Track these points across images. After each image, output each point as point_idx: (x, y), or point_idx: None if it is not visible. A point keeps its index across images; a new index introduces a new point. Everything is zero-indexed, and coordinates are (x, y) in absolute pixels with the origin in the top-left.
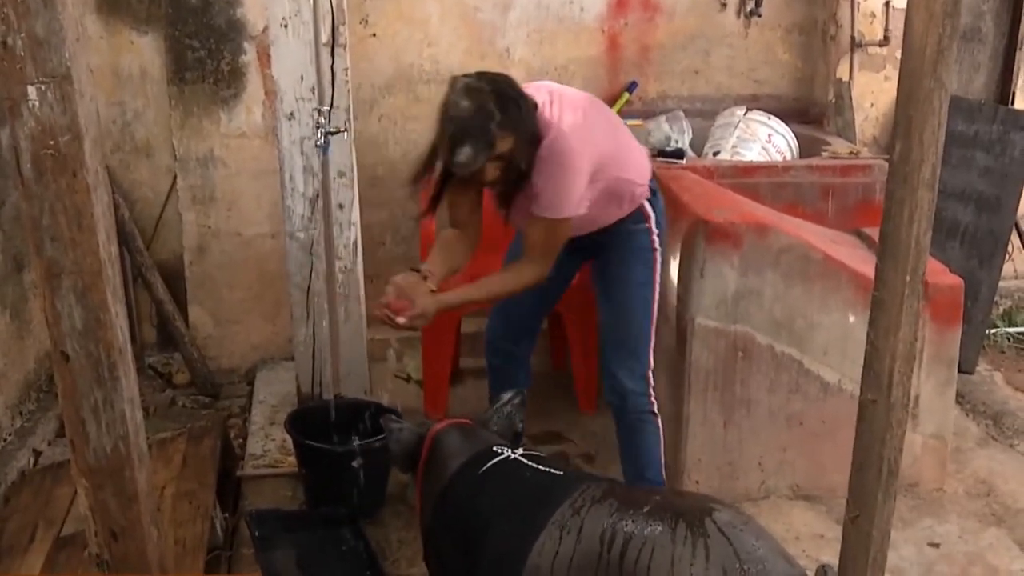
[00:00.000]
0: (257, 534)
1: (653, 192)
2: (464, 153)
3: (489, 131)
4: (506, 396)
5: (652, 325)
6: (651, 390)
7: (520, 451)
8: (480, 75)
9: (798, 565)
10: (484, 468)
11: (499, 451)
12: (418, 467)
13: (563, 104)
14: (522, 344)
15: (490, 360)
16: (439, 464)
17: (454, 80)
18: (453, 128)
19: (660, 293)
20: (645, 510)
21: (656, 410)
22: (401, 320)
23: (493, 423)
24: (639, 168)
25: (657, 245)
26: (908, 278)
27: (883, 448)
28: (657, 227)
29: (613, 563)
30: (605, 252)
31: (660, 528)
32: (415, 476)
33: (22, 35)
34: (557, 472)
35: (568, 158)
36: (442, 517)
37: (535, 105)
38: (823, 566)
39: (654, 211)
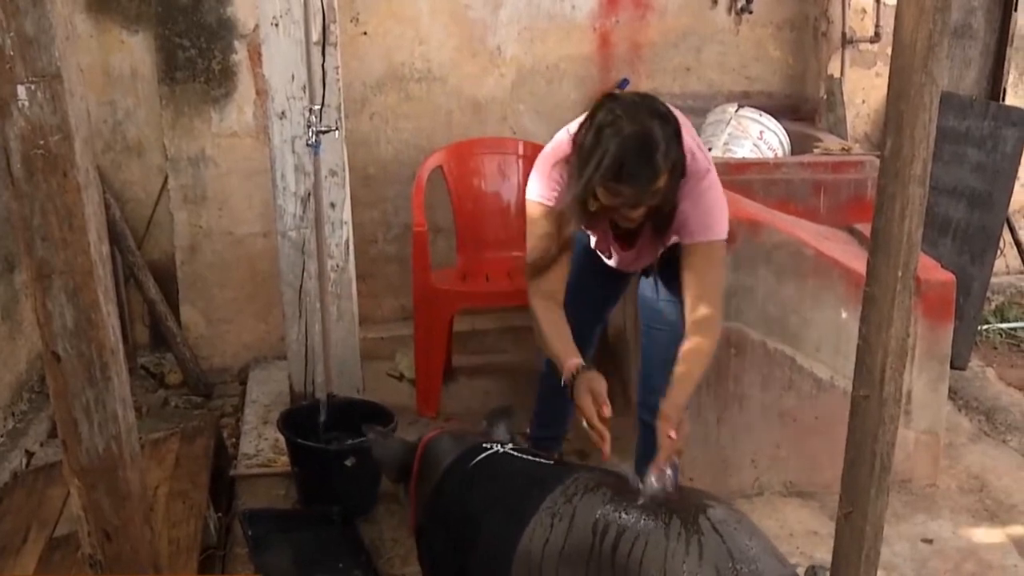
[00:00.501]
0: (250, 534)
1: None
2: (626, 186)
3: (655, 162)
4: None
5: None
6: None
7: (510, 446)
8: (644, 97)
9: (790, 565)
10: (474, 462)
11: (489, 446)
12: (411, 476)
13: (688, 129)
14: (587, 350)
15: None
16: (431, 467)
17: (613, 98)
18: (613, 155)
19: None
20: (639, 502)
21: None
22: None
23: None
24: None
25: None
26: (900, 273)
27: (876, 444)
28: None
29: (605, 555)
30: (671, 263)
31: (654, 523)
32: (406, 486)
33: (11, 34)
34: (546, 462)
35: (712, 175)
36: (434, 511)
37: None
38: (813, 567)
39: None
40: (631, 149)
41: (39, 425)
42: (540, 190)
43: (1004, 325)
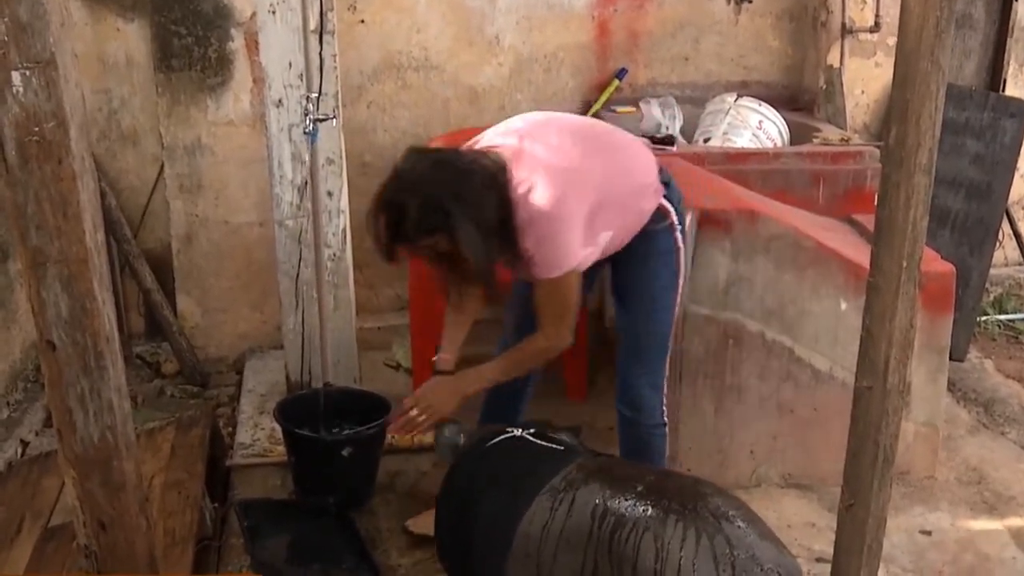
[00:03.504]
0: (246, 524)
1: (667, 184)
2: (396, 244)
3: (405, 231)
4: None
5: (671, 331)
6: (664, 400)
7: (532, 430)
8: (433, 163)
9: (789, 552)
10: (490, 443)
11: (510, 431)
12: None
13: (534, 154)
14: None
15: None
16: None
17: (407, 153)
18: (385, 217)
19: None
20: (639, 489)
21: (666, 419)
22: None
23: None
24: (645, 168)
25: (680, 243)
26: (904, 264)
27: (879, 435)
28: (679, 220)
29: (603, 540)
30: (626, 258)
31: (652, 510)
32: None
33: (5, 19)
34: (553, 447)
35: (549, 211)
36: (446, 486)
37: (501, 173)
38: None
39: (672, 203)
40: (385, 214)
41: (34, 414)
42: None
43: (1003, 317)
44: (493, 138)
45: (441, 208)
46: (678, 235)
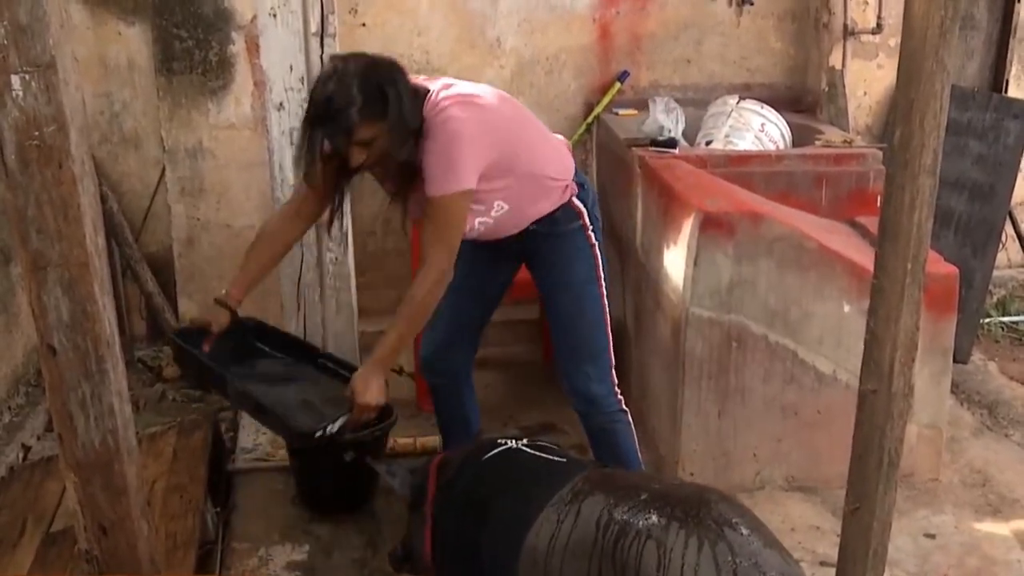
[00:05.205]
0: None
1: (581, 186)
2: (321, 135)
3: (348, 116)
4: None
5: (606, 322)
6: (616, 388)
7: (524, 441)
8: (356, 56)
9: (793, 560)
10: (487, 456)
11: (503, 442)
12: (427, 495)
13: (457, 91)
14: (459, 358)
15: (429, 381)
16: (447, 471)
17: (331, 59)
18: (313, 111)
19: (655, 282)
20: (643, 498)
21: (624, 406)
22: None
23: None
24: (557, 164)
25: (594, 240)
26: (909, 266)
27: (883, 439)
28: (592, 220)
29: (607, 549)
30: (542, 257)
31: (655, 518)
32: (421, 508)
33: (4, 23)
34: (559, 459)
35: (453, 126)
36: (447, 502)
37: (422, 92)
38: None
39: (585, 204)
40: (327, 102)
41: (35, 419)
42: None
43: (1006, 319)
44: (420, 79)
45: (382, 93)
46: (591, 234)
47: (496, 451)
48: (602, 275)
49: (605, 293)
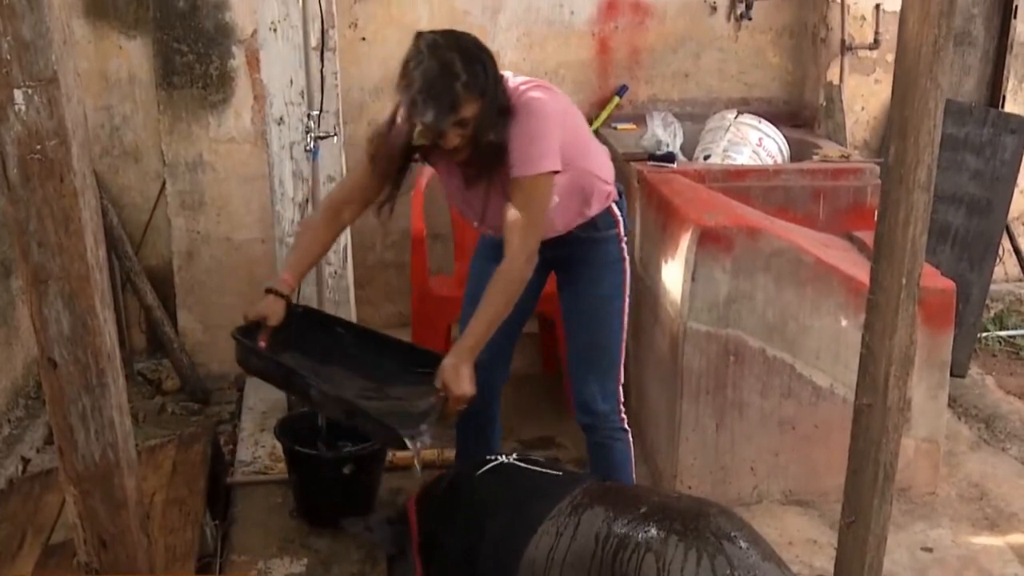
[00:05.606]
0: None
1: (620, 194)
2: (427, 114)
3: (454, 91)
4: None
5: (623, 339)
6: (621, 406)
7: (515, 456)
8: (447, 33)
9: (790, 572)
10: (481, 471)
11: (494, 457)
12: (411, 538)
13: (528, 81)
14: (495, 373)
15: None
16: (430, 503)
17: (419, 36)
18: (416, 87)
19: (653, 296)
20: (642, 511)
21: (627, 425)
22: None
23: None
24: (604, 166)
25: (626, 254)
26: (904, 281)
27: (879, 453)
28: (625, 233)
29: (606, 562)
30: (573, 265)
31: (654, 531)
32: (402, 558)
33: (8, 38)
34: (555, 473)
35: (539, 107)
36: (441, 516)
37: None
38: None
39: (622, 212)
40: (430, 80)
41: (35, 431)
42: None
43: (1003, 333)
44: None
45: (483, 67)
46: (624, 247)
47: (489, 466)
48: (627, 292)
49: (627, 311)
